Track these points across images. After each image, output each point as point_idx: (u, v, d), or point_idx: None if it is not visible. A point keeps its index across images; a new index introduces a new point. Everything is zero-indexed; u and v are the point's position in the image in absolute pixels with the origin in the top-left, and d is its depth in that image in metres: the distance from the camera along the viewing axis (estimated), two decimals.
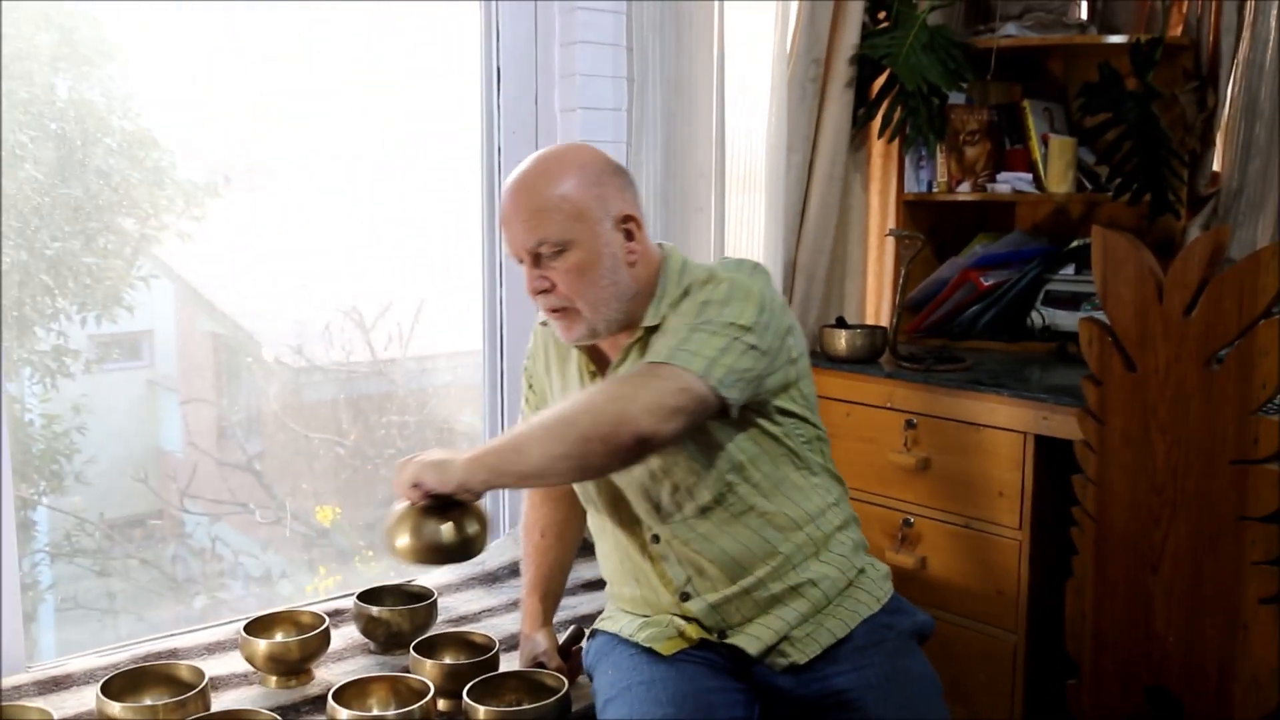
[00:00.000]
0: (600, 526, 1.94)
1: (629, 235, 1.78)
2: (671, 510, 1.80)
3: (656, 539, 1.83)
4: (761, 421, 1.80)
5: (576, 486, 1.95)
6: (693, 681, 1.76)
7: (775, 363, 1.76)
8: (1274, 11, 2.71)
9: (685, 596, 1.84)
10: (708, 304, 1.72)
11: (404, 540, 1.66)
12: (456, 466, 1.63)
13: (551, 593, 2.10)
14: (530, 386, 2.05)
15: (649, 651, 1.82)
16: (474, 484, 1.63)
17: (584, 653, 2.00)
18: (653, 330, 1.78)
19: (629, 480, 1.82)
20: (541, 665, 1.98)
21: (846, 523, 1.92)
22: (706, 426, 1.75)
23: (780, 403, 1.81)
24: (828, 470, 1.91)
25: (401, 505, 1.68)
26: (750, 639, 1.81)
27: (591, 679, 1.92)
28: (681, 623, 1.85)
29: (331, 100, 2.71)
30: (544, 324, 1.97)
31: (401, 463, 1.69)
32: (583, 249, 1.73)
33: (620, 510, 1.86)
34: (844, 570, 1.87)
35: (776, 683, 1.80)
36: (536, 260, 1.74)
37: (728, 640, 1.82)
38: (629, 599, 1.93)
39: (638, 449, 1.61)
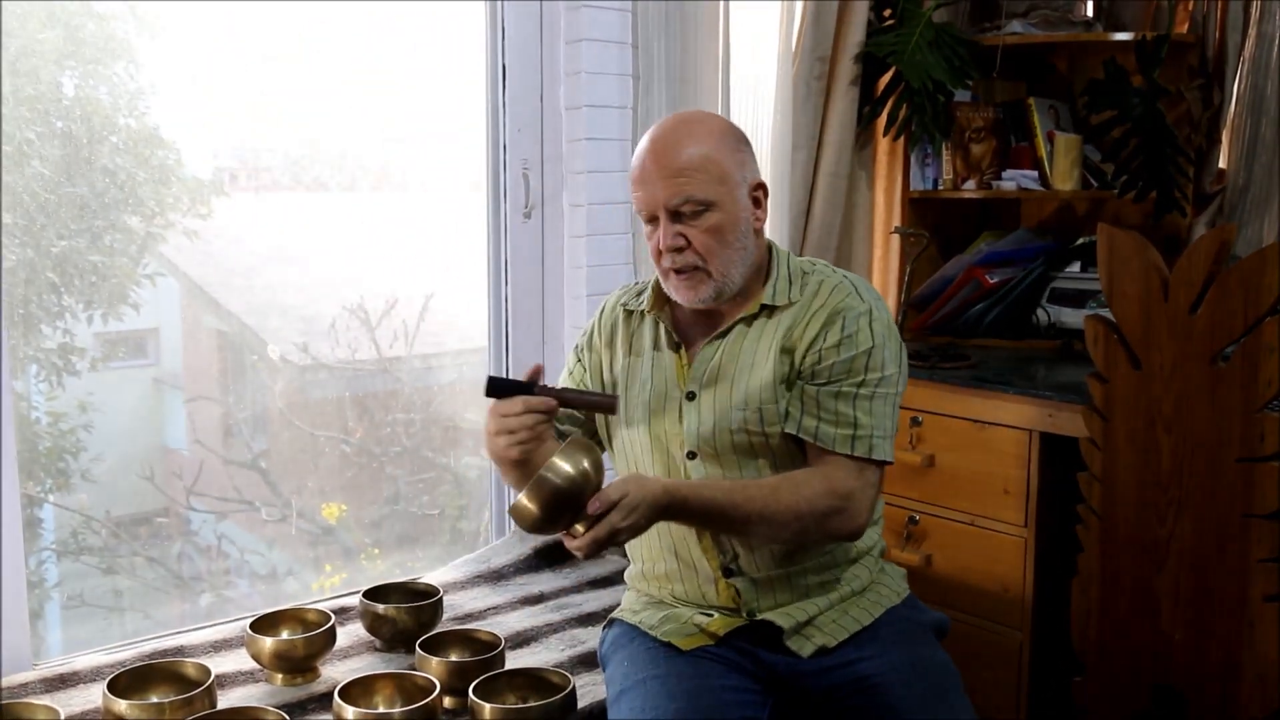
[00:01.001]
0: None
1: (757, 203, 1.83)
2: None
3: None
4: None
5: (627, 456, 1.95)
6: (707, 679, 1.76)
7: None
8: (1277, 10, 2.71)
9: (729, 572, 1.86)
10: (872, 352, 1.79)
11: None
12: (650, 502, 1.65)
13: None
14: (579, 360, 2.04)
15: (667, 646, 1.83)
16: (670, 504, 1.67)
17: (600, 641, 2.00)
18: (769, 309, 1.84)
19: (723, 439, 1.83)
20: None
21: (879, 536, 1.99)
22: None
23: None
24: None
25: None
26: (783, 615, 1.83)
27: (605, 669, 1.92)
28: (703, 619, 1.86)
29: (334, 98, 2.73)
30: (624, 305, 1.99)
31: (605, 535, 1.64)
32: (722, 211, 1.77)
33: (674, 478, 1.87)
34: (870, 571, 1.93)
35: (800, 669, 1.81)
36: (674, 218, 1.77)
37: (759, 617, 1.84)
38: (660, 576, 1.93)
39: (850, 540, 1.83)
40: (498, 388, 1.73)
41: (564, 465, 1.60)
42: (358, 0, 2.65)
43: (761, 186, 1.84)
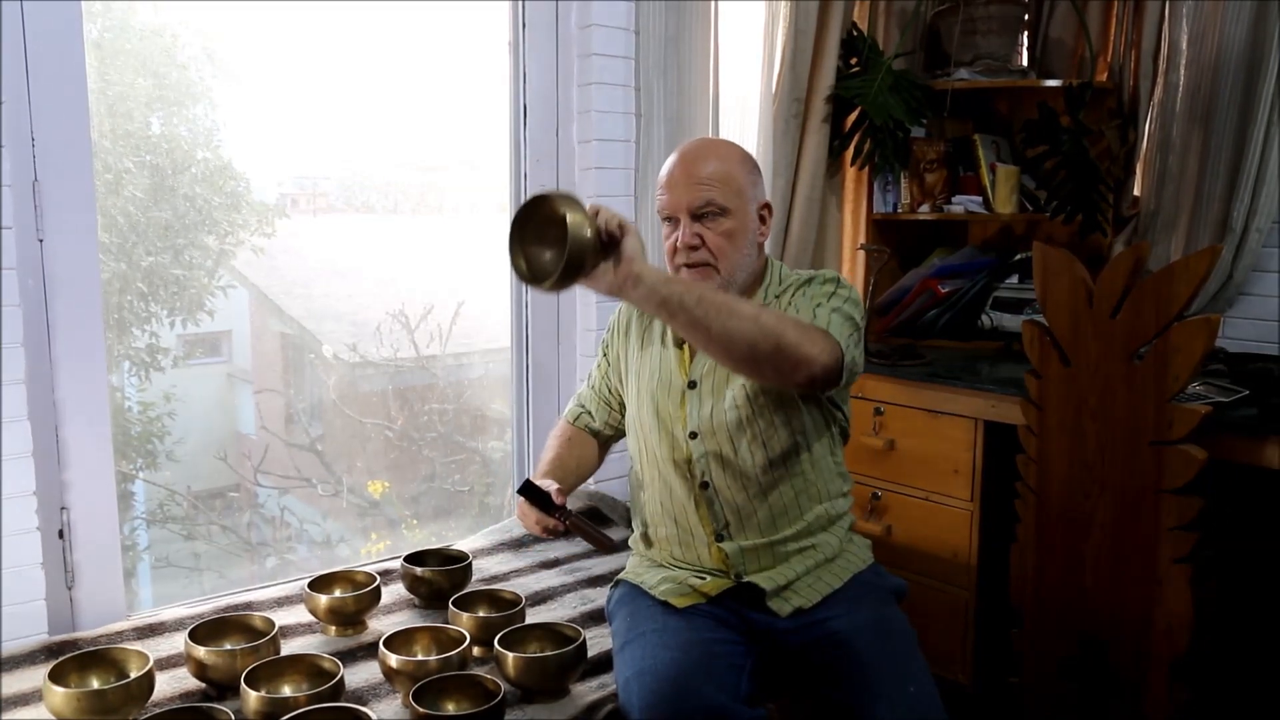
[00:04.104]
0: (651, 474, 1.94)
1: (762, 219, 1.87)
2: (746, 457, 1.83)
3: (706, 485, 1.86)
4: (826, 401, 1.86)
5: (638, 435, 1.94)
6: (698, 632, 1.77)
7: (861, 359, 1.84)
8: (1181, 63, 2.72)
9: (720, 537, 1.86)
10: (835, 296, 1.80)
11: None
12: (641, 265, 1.55)
13: (560, 480, 1.92)
14: (604, 355, 2.08)
15: (664, 604, 1.83)
16: (644, 278, 1.55)
17: (607, 600, 2.00)
18: None
19: (719, 418, 1.83)
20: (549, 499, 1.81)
21: (849, 509, 1.98)
22: (791, 392, 1.81)
23: (840, 393, 1.88)
24: (842, 462, 1.97)
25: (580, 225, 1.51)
26: (766, 578, 1.84)
27: (611, 623, 1.93)
28: (697, 581, 1.86)
29: (380, 134, 2.73)
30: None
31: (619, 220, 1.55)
32: (735, 219, 1.80)
33: (677, 455, 1.88)
34: (841, 540, 1.93)
35: (779, 627, 1.81)
36: (694, 219, 1.80)
37: (745, 580, 1.84)
38: (661, 539, 1.94)
39: (802, 382, 1.67)
40: (526, 490, 1.80)
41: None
42: (401, 51, 2.66)
43: (767, 206, 1.88)
